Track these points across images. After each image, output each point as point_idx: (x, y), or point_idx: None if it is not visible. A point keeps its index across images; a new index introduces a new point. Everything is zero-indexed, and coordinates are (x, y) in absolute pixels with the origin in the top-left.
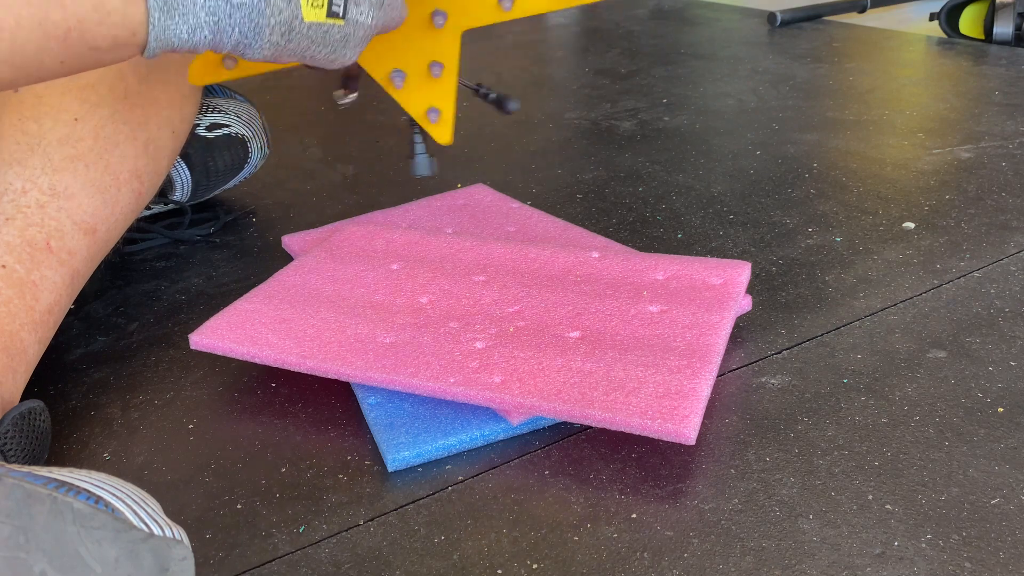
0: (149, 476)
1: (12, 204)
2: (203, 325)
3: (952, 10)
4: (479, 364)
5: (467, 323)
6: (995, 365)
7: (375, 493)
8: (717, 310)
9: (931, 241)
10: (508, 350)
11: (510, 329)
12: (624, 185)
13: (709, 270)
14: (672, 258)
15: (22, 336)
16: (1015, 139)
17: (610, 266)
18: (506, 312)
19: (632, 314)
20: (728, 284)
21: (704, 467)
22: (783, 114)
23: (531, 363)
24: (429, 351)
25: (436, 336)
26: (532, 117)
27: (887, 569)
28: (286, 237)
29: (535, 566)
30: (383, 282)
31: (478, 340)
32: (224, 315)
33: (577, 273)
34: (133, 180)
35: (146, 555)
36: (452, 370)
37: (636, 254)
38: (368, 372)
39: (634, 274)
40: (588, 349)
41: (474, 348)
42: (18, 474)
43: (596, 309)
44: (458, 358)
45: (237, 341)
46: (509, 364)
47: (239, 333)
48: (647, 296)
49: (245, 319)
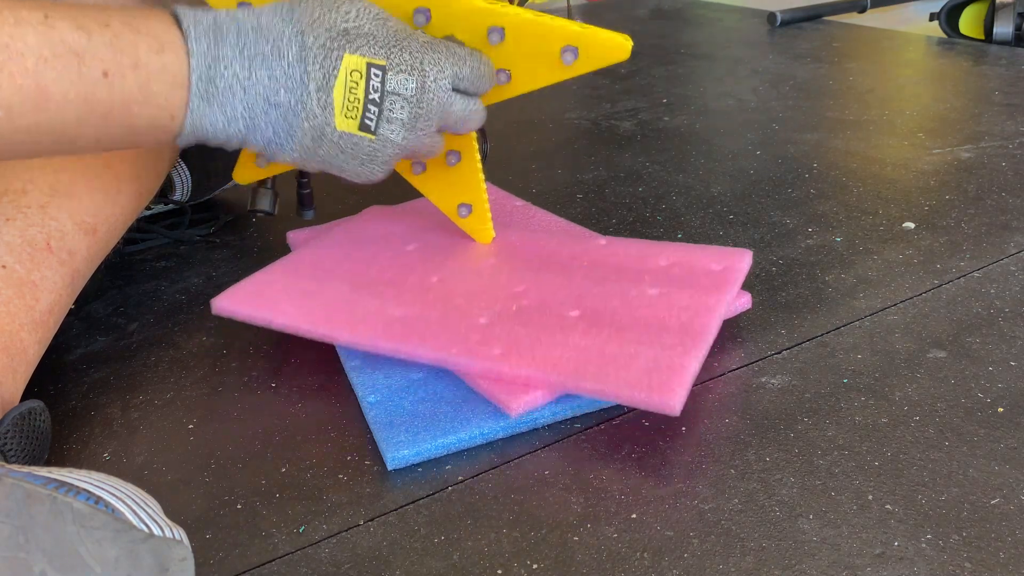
0: (149, 476)
1: (12, 204)
2: (225, 291)
3: (952, 10)
4: (481, 337)
5: (473, 301)
6: (995, 365)
7: (375, 493)
8: (714, 293)
9: (931, 241)
10: (509, 326)
11: (513, 307)
12: (624, 185)
13: (711, 257)
14: (676, 245)
15: (22, 336)
16: (1015, 139)
17: (616, 252)
18: (512, 292)
19: (631, 296)
20: (728, 270)
21: (704, 467)
22: (783, 114)
23: (530, 338)
24: (434, 324)
25: (443, 311)
26: (532, 117)
27: (887, 569)
28: (291, 233)
29: (535, 566)
30: (397, 261)
31: (482, 316)
32: (245, 283)
33: (584, 259)
34: (133, 180)
35: (146, 555)
36: (455, 342)
37: (642, 242)
38: (375, 341)
39: (638, 260)
40: (586, 327)
41: (478, 323)
42: (18, 474)
43: (597, 291)
44: (461, 331)
45: (255, 307)
46: (509, 338)
47: (257, 300)
48: (648, 280)
49: (264, 288)
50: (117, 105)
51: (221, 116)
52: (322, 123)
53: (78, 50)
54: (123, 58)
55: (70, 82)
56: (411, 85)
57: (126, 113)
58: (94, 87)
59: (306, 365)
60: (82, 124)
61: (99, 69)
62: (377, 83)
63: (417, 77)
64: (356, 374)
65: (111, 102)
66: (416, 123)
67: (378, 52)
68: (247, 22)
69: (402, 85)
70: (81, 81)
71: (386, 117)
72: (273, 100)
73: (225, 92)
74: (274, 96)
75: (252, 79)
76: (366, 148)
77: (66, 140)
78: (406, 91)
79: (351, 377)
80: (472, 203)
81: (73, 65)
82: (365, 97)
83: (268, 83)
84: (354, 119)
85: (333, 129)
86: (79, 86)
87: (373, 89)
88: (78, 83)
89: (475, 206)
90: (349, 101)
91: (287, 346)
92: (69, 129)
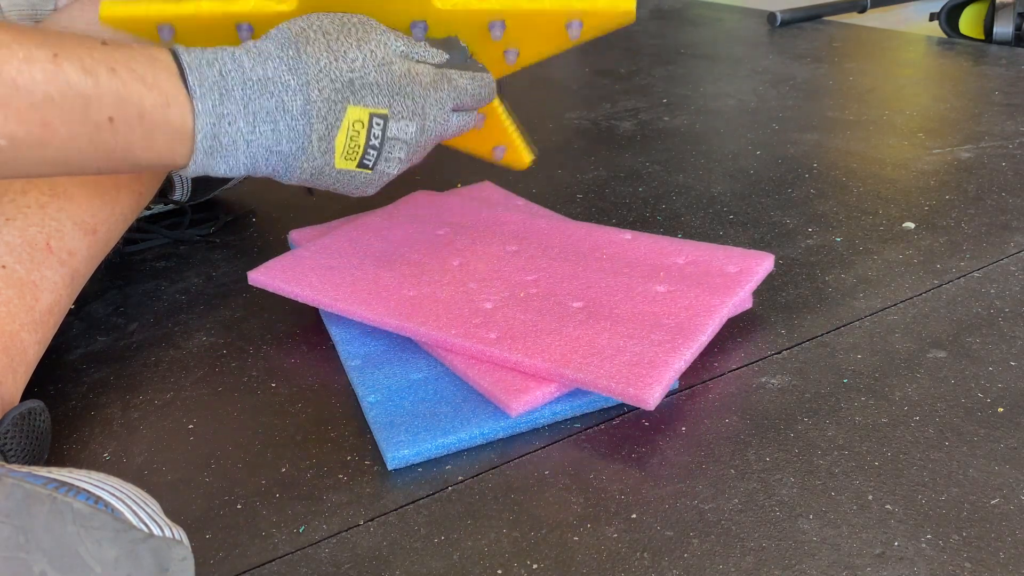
0: (149, 476)
1: (12, 204)
2: (262, 265)
3: (952, 10)
4: (481, 321)
5: (485, 285)
6: (995, 365)
7: (375, 493)
8: (720, 295)
9: (931, 241)
10: (511, 312)
11: (521, 294)
12: (624, 185)
13: (730, 258)
14: (700, 245)
15: (22, 336)
16: (1015, 139)
17: (637, 247)
18: (523, 279)
19: (638, 291)
20: (743, 273)
21: (704, 467)
22: (783, 114)
23: (527, 325)
24: (442, 306)
25: (453, 294)
26: (532, 117)
27: (887, 569)
28: (293, 232)
29: (535, 566)
30: (425, 243)
31: (488, 301)
32: (282, 258)
33: (604, 251)
34: (133, 180)
35: (146, 555)
36: (456, 324)
37: (665, 239)
38: (384, 318)
39: (657, 256)
40: (584, 318)
41: (482, 307)
42: (18, 474)
43: (606, 284)
44: (465, 314)
45: (285, 280)
46: (507, 324)
47: (288, 275)
48: (662, 277)
49: (297, 263)
50: (121, 148)
51: (224, 166)
52: (321, 164)
53: (85, 93)
54: (129, 108)
55: (76, 123)
56: (411, 130)
57: (129, 155)
58: (99, 131)
59: (306, 365)
60: (85, 159)
61: (105, 115)
62: (378, 131)
63: (418, 122)
64: (356, 374)
65: (115, 145)
66: (413, 156)
67: (381, 102)
68: (252, 73)
69: (403, 131)
70: (86, 123)
71: (384, 158)
72: (275, 149)
73: (229, 147)
74: (276, 147)
75: (255, 134)
76: (362, 179)
77: (68, 170)
78: (406, 136)
79: (351, 377)
80: (505, 143)
81: (79, 107)
82: (366, 143)
83: (271, 136)
84: (353, 160)
85: (332, 168)
86: (85, 127)
87: (374, 136)
88: (84, 124)
89: (508, 145)
90: (350, 147)
91: (287, 346)
92: (72, 162)
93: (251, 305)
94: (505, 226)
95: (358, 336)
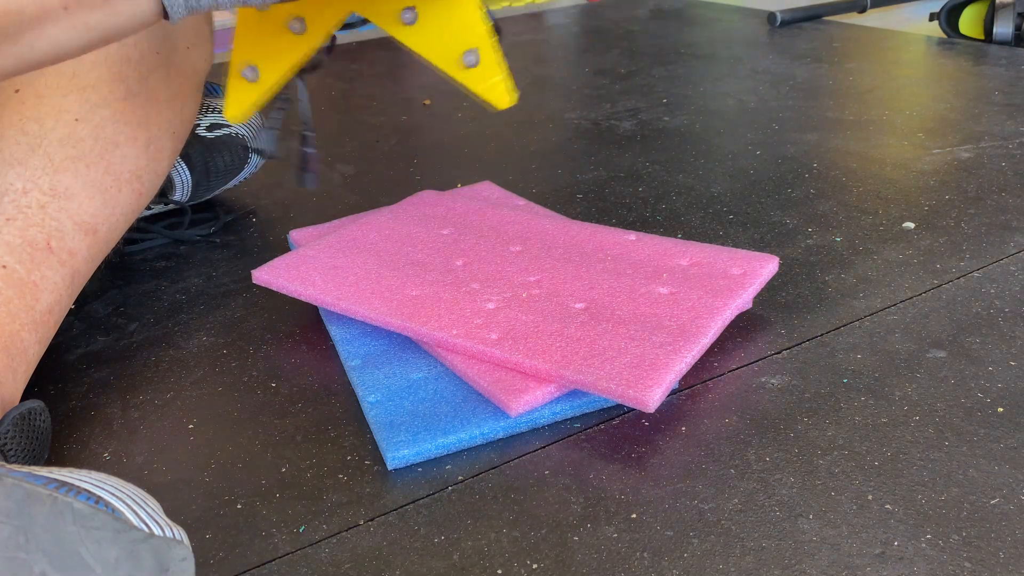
0: (149, 476)
1: (13, 204)
2: (267, 263)
3: (952, 10)
4: (483, 321)
5: (488, 285)
6: (995, 365)
7: (375, 493)
8: (722, 297)
9: (931, 241)
10: (513, 313)
11: (523, 295)
12: (624, 185)
13: (734, 260)
14: (704, 246)
15: (22, 336)
16: (1015, 139)
17: (641, 248)
18: (526, 280)
19: (641, 293)
20: (746, 275)
21: (704, 467)
22: (783, 114)
23: (529, 326)
24: (444, 306)
25: (456, 294)
26: (532, 117)
27: (887, 569)
28: (293, 232)
29: (535, 566)
30: (429, 243)
31: (491, 301)
32: (286, 257)
33: (608, 252)
34: (134, 180)
35: (146, 555)
36: (458, 324)
37: (670, 240)
38: (387, 318)
39: (661, 257)
40: (586, 319)
41: (485, 308)
42: (18, 474)
43: (610, 285)
44: (467, 314)
45: (289, 279)
46: (509, 324)
47: (293, 273)
48: (666, 278)
49: (302, 262)
50: None
51: None
52: None
53: None
54: None
55: None
56: None
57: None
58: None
59: (306, 365)
60: None
61: None
62: None
63: None
64: (356, 374)
65: None
66: None
67: None
68: None
69: None
70: None
71: None
72: None
73: None
74: None
75: None
76: None
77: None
78: None
79: (351, 377)
80: (477, 46)
81: None
82: None
83: None
84: None
85: None
86: None
87: None
88: None
89: (481, 49)
90: None
91: (287, 346)
92: None
93: (251, 305)
94: (509, 226)
95: (358, 336)
